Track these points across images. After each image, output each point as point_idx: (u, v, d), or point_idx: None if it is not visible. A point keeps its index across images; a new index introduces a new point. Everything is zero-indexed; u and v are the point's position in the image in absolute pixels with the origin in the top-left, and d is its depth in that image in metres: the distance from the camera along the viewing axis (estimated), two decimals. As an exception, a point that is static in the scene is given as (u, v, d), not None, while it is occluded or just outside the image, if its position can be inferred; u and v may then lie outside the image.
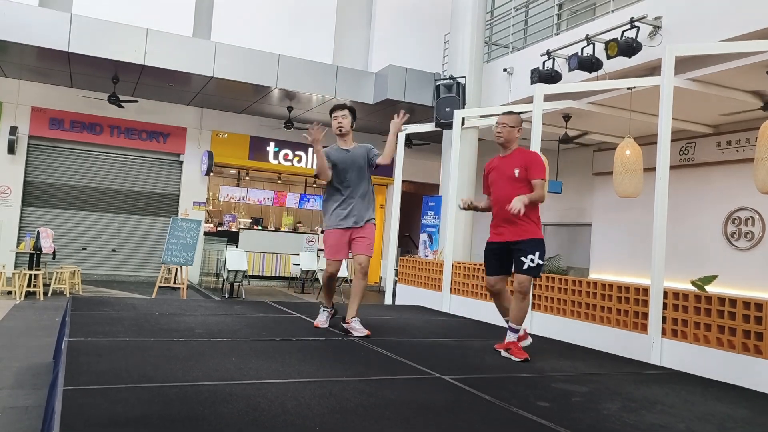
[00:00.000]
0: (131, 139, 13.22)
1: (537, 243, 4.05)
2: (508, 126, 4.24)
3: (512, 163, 4.20)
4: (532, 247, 4.01)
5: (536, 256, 3.99)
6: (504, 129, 4.25)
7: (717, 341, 4.63)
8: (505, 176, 4.21)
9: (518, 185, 4.09)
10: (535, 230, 4.09)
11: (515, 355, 3.93)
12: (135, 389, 2.57)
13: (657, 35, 7.27)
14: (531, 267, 3.98)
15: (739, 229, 8.95)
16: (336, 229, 4.54)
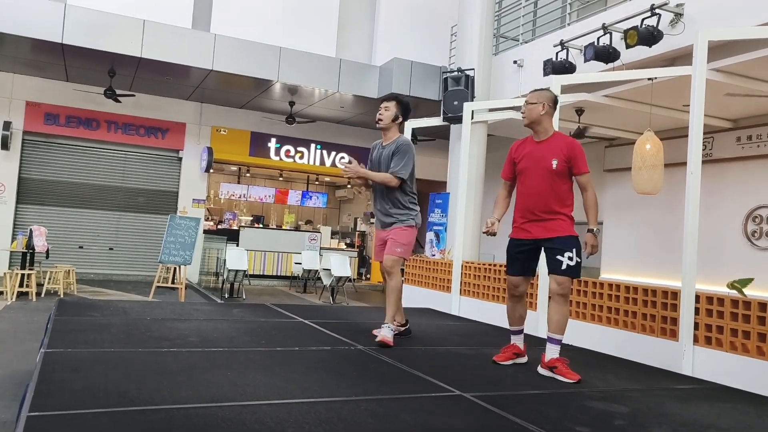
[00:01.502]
0: (129, 135, 12.86)
1: (572, 240, 3.58)
2: (529, 103, 3.73)
3: (550, 151, 3.65)
4: (568, 245, 3.55)
5: (573, 253, 3.53)
6: (526, 107, 3.75)
7: (757, 350, 4.25)
8: (540, 166, 3.66)
9: (554, 179, 3.60)
10: (568, 227, 3.62)
11: (565, 375, 3.39)
12: (112, 414, 2.20)
13: (679, 23, 6.88)
14: (570, 266, 3.52)
15: (760, 227, 8.58)
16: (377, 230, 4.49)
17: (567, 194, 3.66)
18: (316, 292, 12.59)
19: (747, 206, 8.71)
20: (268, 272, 13.92)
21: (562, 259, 3.52)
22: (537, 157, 3.70)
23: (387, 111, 4.32)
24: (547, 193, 3.62)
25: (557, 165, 3.60)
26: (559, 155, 3.61)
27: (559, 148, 3.64)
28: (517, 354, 3.82)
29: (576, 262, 3.55)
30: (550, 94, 3.79)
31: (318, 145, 14.49)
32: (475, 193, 9.32)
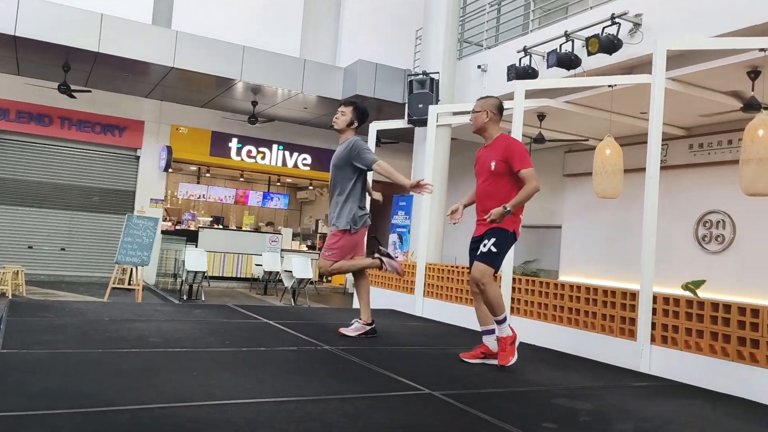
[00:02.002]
0: (84, 132, 12.49)
1: (497, 231, 3.68)
2: (475, 111, 3.90)
3: (492, 154, 3.85)
4: (490, 235, 3.67)
5: (490, 242, 3.63)
6: (472, 116, 3.93)
7: (710, 348, 4.39)
8: (484, 169, 3.88)
9: (495, 180, 3.77)
10: (505, 222, 3.70)
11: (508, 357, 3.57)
12: (72, 416, 2.13)
13: (638, 33, 7.09)
14: (482, 252, 3.63)
15: (710, 232, 8.87)
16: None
17: (509, 194, 3.73)
18: (276, 294, 12.46)
19: (698, 211, 9.00)
20: (228, 274, 13.71)
21: (482, 245, 3.67)
22: (482, 160, 3.91)
23: (343, 116, 4.47)
24: (489, 193, 3.76)
25: (495, 166, 3.75)
26: (497, 157, 3.76)
27: (498, 150, 3.79)
28: (486, 354, 3.83)
29: (489, 250, 3.61)
30: (494, 101, 3.96)
31: (280, 146, 14.37)
32: (439, 195, 9.38)
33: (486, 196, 3.81)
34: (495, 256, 3.64)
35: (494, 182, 3.76)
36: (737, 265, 8.30)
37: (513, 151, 3.75)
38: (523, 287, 6.10)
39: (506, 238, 3.69)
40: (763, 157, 5.66)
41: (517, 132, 6.42)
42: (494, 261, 3.65)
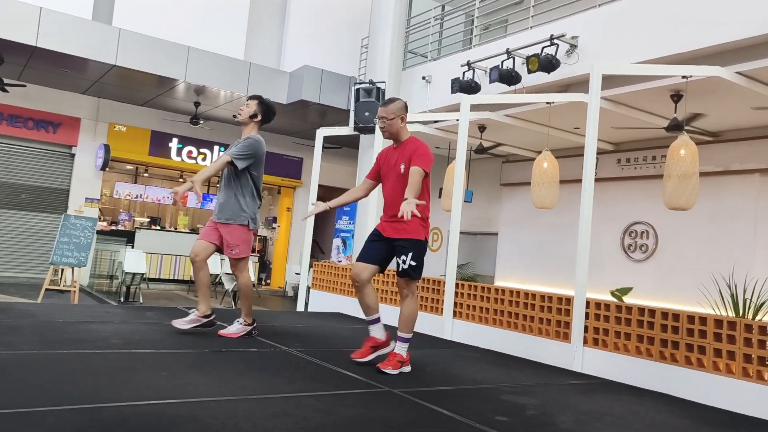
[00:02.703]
0: (15, 127, 12.03)
1: (413, 244, 3.67)
2: (388, 119, 3.81)
3: (401, 156, 3.79)
4: (407, 248, 3.66)
5: (409, 257, 3.63)
6: (385, 123, 3.83)
7: (636, 350, 4.82)
8: (393, 172, 3.82)
9: (405, 183, 3.66)
10: (415, 229, 3.69)
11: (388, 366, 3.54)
12: (61, 412, 2.22)
13: (574, 53, 7.57)
14: (404, 269, 3.64)
15: (635, 241, 9.50)
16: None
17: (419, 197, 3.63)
18: (216, 296, 12.38)
19: (625, 222, 9.63)
20: (165, 275, 13.50)
21: (399, 260, 3.67)
22: (391, 163, 3.86)
23: (247, 108, 4.42)
24: (398, 196, 3.67)
25: (404, 169, 3.72)
26: (405, 159, 3.74)
27: (407, 153, 3.76)
28: (375, 347, 3.80)
29: (410, 266, 3.63)
30: (402, 103, 3.90)
31: (222, 147, 14.26)
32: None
33: (396, 198, 3.71)
34: (416, 269, 3.68)
35: (404, 185, 3.66)
36: (659, 272, 8.95)
37: (418, 151, 3.73)
38: (465, 292, 6.42)
39: (421, 249, 3.72)
40: (683, 174, 6.20)
41: (462, 143, 6.75)
42: (417, 273, 3.70)
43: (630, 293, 8.10)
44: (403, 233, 3.69)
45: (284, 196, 15.94)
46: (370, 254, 3.81)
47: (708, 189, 7.47)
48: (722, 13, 6.40)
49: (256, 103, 4.43)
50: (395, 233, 3.72)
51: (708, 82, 6.15)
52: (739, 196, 7.93)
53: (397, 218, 3.58)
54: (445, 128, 9.75)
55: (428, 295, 6.82)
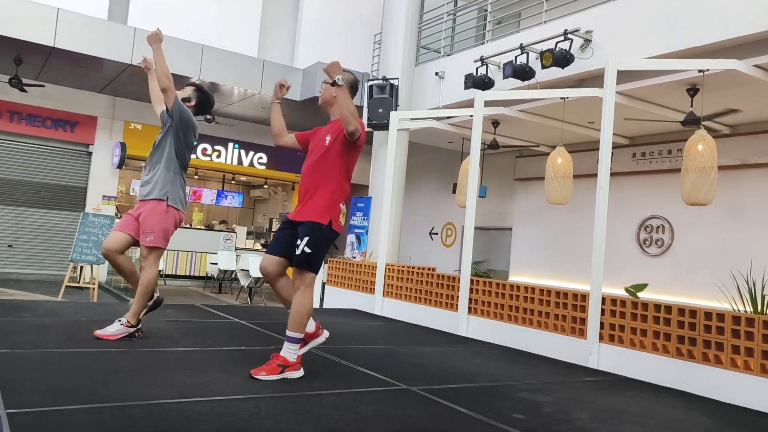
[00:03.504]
0: (34, 127, 12.19)
1: (310, 228, 3.22)
2: (327, 83, 3.43)
3: (328, 131, 3.41)
4: (305, 231, 3.22)
5: (303, 242, 3.18)
6: (323, 86, 3.50)
7: (652, 346, 4.82)
8: (317, 146, 3.41)
9: (326, 158, 3.32)
10: (318, 212, 3.25)
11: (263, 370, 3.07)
12: (92, 410, 2.28)
13: (588, 48, 7.54)
14: (296, 255, 3.19)
15: (651, 236, 9.47)
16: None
17: (330, 176, 3.32)
18: (232, 292, 12.50)
19: (640, 216, 9.59)
20: (181, 272, 13.64)
21: (296, 247, 3.22)
22: (318, 137, 3.47)
23: (182, 92, 4.15)
24: (309, 171, 3.36)
25: (329, 141, 3.33)
26: (333, 132, 3.36)
27: (336, 126, 3.36)
28: (306, 340, 3.37)
29: (303, 252, 3.18)
30: (350, 76, 3.47)
31: (236, 144, 14.36)
32: (396, 197, 9.66)
33: (308, 175, 3.36)
34: (309, 258, 3.19)
35: (322, 160, 3.32)
36: (675, 267, 8.91)
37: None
38: (480, 288, 6.44)
39: (321, 235, 3.24)
40: (701, 168, 6.17)
41: (476, 139, 6.76)
42: (311, 264, 3.21)
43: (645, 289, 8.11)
44: (304, 215, 3.27)
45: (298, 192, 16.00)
46: (275, 245, 3.36)
47: (725, 183, 7.42)
48: (739, 5, 6.34)
49: (192, 90, 4.21)
50: (299, 215, 3.31)
51: (725, 76, 6.11)
52: (757, 190, 7.88)
53: (303, 198, 3.33)
54: (458, 124, 9.75)
55: (443, 291, 6.85)
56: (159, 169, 3.92)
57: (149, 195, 3.87)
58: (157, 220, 3.82)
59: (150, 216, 3.82)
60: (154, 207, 3.83)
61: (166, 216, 3.86)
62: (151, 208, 3.83)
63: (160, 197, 3.85)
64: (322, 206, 3.26)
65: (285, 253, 3.30)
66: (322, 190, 3.28)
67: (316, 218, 3.23)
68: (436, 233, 13.66)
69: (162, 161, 3.95)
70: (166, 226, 3.85)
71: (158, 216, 3.83)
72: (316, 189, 3.29)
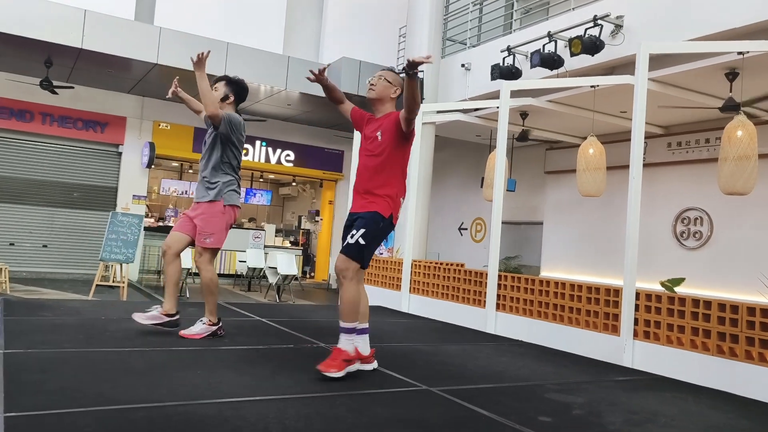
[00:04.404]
0: (65, 128, 12.38)
1: (368, 220, 3.22)
2: (385, 79, 3.40)
3: (378, 127, 3.37)
4: (361, 223, 3.22)
5: (359, 233, 3.18)
6: (378, 81, 3.42)
7: (691, 343, 4.58)
8: (368, 142, 3.40)
9: (379, 156, 3.31)
10: (382, 205, 3.26)
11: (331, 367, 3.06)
12: (95, 413, 2.20)
13: (619, 34, 7.26)
14: (348, 244, 3.20)
15: (688, 228, 9.13)
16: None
17: (392, 173, 3.33)
18: (260, 290, 12.51)
19: (677, 208, 9.25)
20: (211, 270, 13.69)
21: (349, 236, 3.24)
22: (370, 129, 3.44)
23: (215, 91, 4.08)
24: (368, 170, 3.36)
25: (381, 136, 3.33)
26: (383, 128, 3.35)
27: (385, 122, 3.36)
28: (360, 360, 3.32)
29: (357, 242, 3.18)
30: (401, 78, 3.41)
31: (263, 142, 14.37)
32: (423, 192, 9.50)
33: (365, 172, 3.37)
34: (363, 249, 3.19)
35: (375, 156, 3.33)
36: (714, 260, 8.57)
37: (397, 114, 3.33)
38: (508, 284, 6.25)
39: (378, 229, 3.24)
40: (740, 156, 5.87)
41: (502, 130, 6.56)
42: (361, 255, 3.21)
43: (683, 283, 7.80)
44: (367, 207, 3.27)
45: (326, 189, 15.96)
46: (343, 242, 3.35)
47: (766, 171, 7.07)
48: (780, -16, 6.01)
49: (223, 84, 4.13)
50: (361, 207, 3.31)
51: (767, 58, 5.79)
52: (801, 179, 7.49)
53: (364, 193, 3.32)
54: (485, 116, 9.55)
55: (470, 288, 6.68)
56: (213, 171, 3.95)
57: (205, 197, 3.95)
58: (215, 222, 3.91)
59: (208, 219, 3.90)
60: (211, 209, 3.91)
61: (222, 217, 3.94)
62: (208, 210, 3.91)
63: (216, 199, 3.92)
64: (385, 200, 3.29)
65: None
66: (384, 186, 3.31)
67: (378, 209, 3.26)
68: (465, 228, 13.45)
69: (216, 164, 3.96)
70: (222, 226, 3.95)
71: (216, 218, 3.91)
72: (377, 185, 3.31)
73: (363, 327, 3.42)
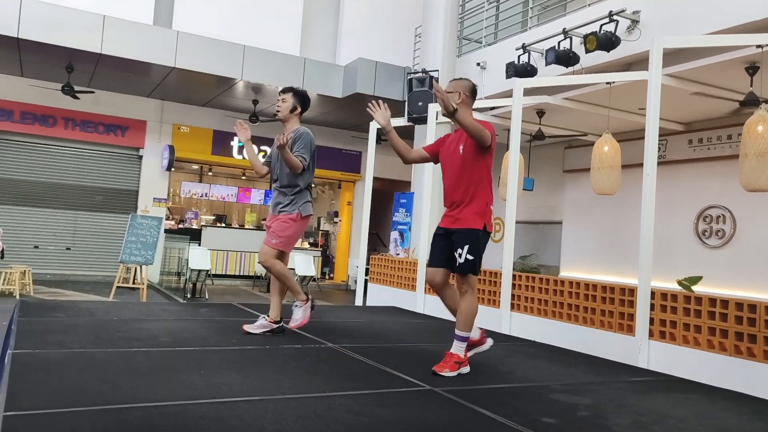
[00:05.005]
0: (87, 132, 12.58)
1: (469, 234, 3.43)
2: (447, 92, 3.50)
3: (459, 138, 3.52)
4: (463, 240, 3.42)
5: (464, 250, 3.39)
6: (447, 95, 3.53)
7: (708, 343, 4.47)
8: (451, 155, 3.55)
9: (465, 167, 3.47)
10: (473, 219, 3.46)
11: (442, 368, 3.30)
12: (90, 413, 2.21)
13: (635, 29, 7.14)
14: (460, 264, 3.41)
15: (710, 227, 8.93)
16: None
17: (479, 184, 3.50)
18: (279, 291, 12.54)
19: (698, 206, 9.06)
20: (231, 272, 13.81)
21: (457, 255, 3.44)
22: (450, 148, 3.60)
23: (284, 102, 4.34)
24: (456, 182, 3.51)
25: (463, 150, 3.48)
26: (465, 140, 3.48)
27: (464, 135, 3.48)
28: (471, 345, 3.58)
29: (466, 260, 3.40)
30: (467, 83, 3.65)
31: (281, 144, 14.41)
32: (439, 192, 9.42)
33: (453, 185, 3.54)
34: (474, 263, 3.43)
35: (462, 169, 3.48)
36: (737, 259, 8.37)
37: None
38: (522, 284, 6.18)
39: (479, 240, 3.46)
40: (762, 152, 5.71)
41: (515, 129, 6.49)
42: (474, 268, 3.45)
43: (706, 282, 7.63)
44: (459, 223, 3.48)
45: (344, 190, 15.98)
46: (435, 257, 3.62)
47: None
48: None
49: (291, 95, 4.37)
50: (452, 223, 3.53)
51: (786, 51, 5.64)
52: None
53: (454, 207, 3.51)
54: (501, 115, 9.46)
55: (485, 288, 6.62)
56: (291, 189, 4.24)
57: (284, 209, 4.24)
58: (286, 228, 4.20)
59: (283, 224, 4.21)
60: (289, 218, 4.22)
61: (295, 224, 4.24)
62: (287, 219, 4.22)
63: (295, 211, 4.24)
64: (476, 213, 3.48)
65: (446, 262, 3.56)
66: (474, 198, 3.49)
67: (471, 225, 3.46)
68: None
69: (292, 182, 4.24)
70: (293, 233, 4.24)
71: (291, 227, 4.21)
72: (467, 198, 3.49)
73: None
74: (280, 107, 4.36)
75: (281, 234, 4.17)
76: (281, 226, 4.19)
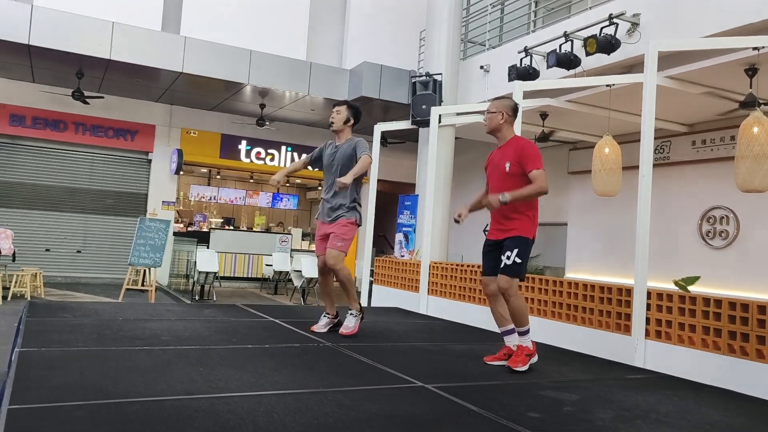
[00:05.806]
0: (97, 137, 12.78)
1: (518, 241, 3.71)
2: (490, 112, 3.92)
3: (505, 155, 3.85)
4: (512, 245, 3.71)
5: (513, 253, 3.67)
6: (487, 116, 3.95)
7: (702, 342, 4.53)
8: (498, 171, 3.89)
9: (510, 181, 3.76)
10: (521, 227, 3.75)
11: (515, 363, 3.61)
12: (90, 407, 2.32)
13: (635, 32, 7.20)
14: (507, 265, 3.67)
15: (714, 227, 8.95)
16: (319, 221, 4.68)
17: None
18: (287, 293, 12.68)
19: (702, 207, 9.07)
20: (239, 274, 13.94)
21: (503, 258, 3.70)
22: (496, 162, 3.93)
23: (338, 114, 4.60)
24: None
25: (510, 167, 3.78)
26: (511, 158, 3.78)
27: (511, 151, 3.81)
28: (508, 355, 3.82)
29: (514, 263, 3.66)
30: (509, 102, 3.97)
31: (289, 147, 14.57)
32: (443, 194, 9.53)
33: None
34: (519, 267, 3.69)
35: (509, 184, 3.74)
36: (741, 260, 8.38)
37: (528, 152, 3.76)
38: (523, 285, 6.24)
39: (527, 247, 3.75)
40: (757, 154, 5.76)
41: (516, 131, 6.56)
42: (519, 272, 3.71)
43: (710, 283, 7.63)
44: (509, 232, 3.76)
45: (352, 193, 16.07)
46: (488, 266, 3.91)
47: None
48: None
49: (346, 108, 4.65)
50: (503, 234, 3.80)
51: (782, 53, 5.68)
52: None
53: (506, 214, 3.76)
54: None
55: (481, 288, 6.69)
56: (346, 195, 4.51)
57: (340, 217, 4.49)
58: (347, 231, 4.48)
59: (343, 229, 4.46)
60: (347, 223, 4.49)
61: (355, 229, 4.57)
62: (344, 224, 4.48)
63: (352, 217, 4.52)
64: (524, 224, 3.76)
65: (497, 270, 3.79)
66: (521, 211, 3.76)
67: (523, 233, 3.75)
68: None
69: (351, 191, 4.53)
70: (352, 237, 4.53)
71: (349, 229, 4.50)
72: (515, 211, 3.76)
73: (510, 328, 3.88)
74: (335, 119, 4.62)
75: (345, 237, 4.43)
76: (344, 230, 4.45)
